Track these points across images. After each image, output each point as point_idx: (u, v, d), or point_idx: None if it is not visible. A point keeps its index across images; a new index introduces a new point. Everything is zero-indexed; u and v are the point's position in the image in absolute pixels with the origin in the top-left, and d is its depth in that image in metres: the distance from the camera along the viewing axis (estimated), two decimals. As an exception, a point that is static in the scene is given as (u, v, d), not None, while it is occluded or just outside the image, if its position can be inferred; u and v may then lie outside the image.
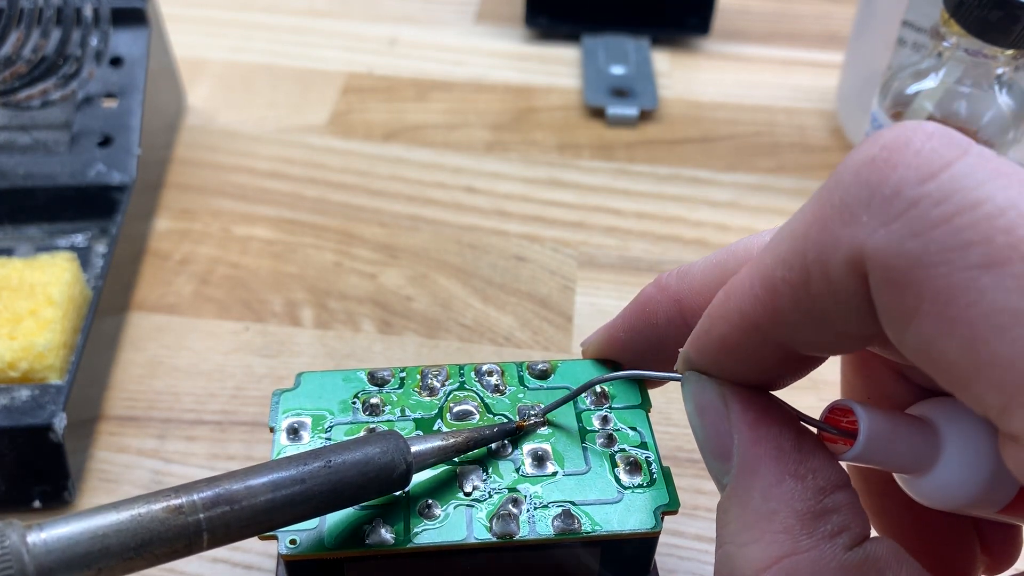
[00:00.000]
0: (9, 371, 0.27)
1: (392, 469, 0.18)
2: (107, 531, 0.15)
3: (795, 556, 0.14)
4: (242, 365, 0.32)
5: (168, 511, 0.16)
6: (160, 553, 0.16)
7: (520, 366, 0.23)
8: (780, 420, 0.16)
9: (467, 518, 0.19)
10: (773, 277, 0.14)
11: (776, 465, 0.15)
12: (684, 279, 0.20)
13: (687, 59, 0.50)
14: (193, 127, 0.44)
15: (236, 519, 0.17)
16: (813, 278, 0.14)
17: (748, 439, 0.16)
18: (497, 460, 0.21)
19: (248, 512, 0.17)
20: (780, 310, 0.14)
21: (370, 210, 0.39)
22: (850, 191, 0.13)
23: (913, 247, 0.12)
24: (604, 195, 0.40)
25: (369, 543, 0.19)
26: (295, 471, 0.17)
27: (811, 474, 0.15)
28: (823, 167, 0.42)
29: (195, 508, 0.16)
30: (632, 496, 0.20)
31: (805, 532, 0.15)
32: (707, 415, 0.17)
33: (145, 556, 0.16)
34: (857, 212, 0.13)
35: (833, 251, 0.13)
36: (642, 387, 0.22)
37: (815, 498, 0.15)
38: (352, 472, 0.18)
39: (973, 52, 0.30)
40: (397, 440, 0.19)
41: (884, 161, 0.13)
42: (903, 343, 0.13)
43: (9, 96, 0.35)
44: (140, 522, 0.16)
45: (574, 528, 0.19)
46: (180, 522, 0.16)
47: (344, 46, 0.50)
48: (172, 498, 0.16)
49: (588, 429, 0.21)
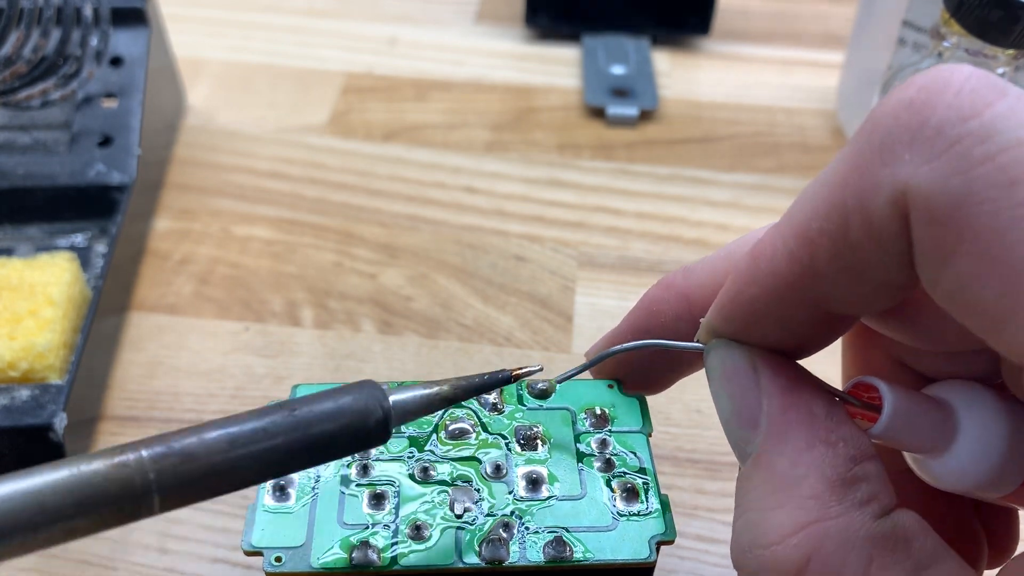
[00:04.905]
0: (9, 371, 0.27)
1: (367, 416, 0.16)
2: (42, 489, 0.14)
3: (823, 523, 0.14)
4: (242, 365, 0.32)
5: (112, 467, 0.14)
6: (105, 514, 0.14)
7: (519, 385, 0.22)
8: (811, 386, 0.16)
9: (456, 541, 0.19)
10: (808, 230, 0.14)
11: (807, 431, 0.15)
12: (690, 275, 0.20)
13: (687, 59, 0.50)
14: (193, 127, 0.44)
15: (189, 475, 0.15)
16: (853, 224, 0.14)
17: (779, 405, 0.16)
18: (491, 482, 0.20)
19: (204, 468, 0.15)
20: (817, 263, 0.14)
21: (370, 210, 0.39)
22: (891, 132, 0.13)
23: (957, 184, 0.12)
24: (604, 195, 0.40)
25: (356, 563, 0.19)
26: (256, 422, 0.16)
27: (842, 441, 0.15)
28: (823, 167, 0.42)
29: (142, 464, 0.14)
30: (627, 524, 0.19)
31: (835, 499, 0.14)
32: (735, 382, 0.16)
33: (89, 517, 0.14)
34: (899, 152, 0.13)
35: (874, 193, 0.13)
36: (643, 409, 0.22)
37: (846, 465, 0.15)
38: (321, 421, 0.16)
39: (973, 52, 0.29)
40: (372, 386, 0.17)
41: (923, 102, 0.13)
42: (937, 286, 0.13)
43: (9, 96, 0.35)
44: (80, 479, 0.14)
45: (565, 556, 0.19)
46: (125, 478, 0.14)
47: (344, 46, 0.50)
48: (117, 454, 0.15)
49: (585, 452, 0.21)
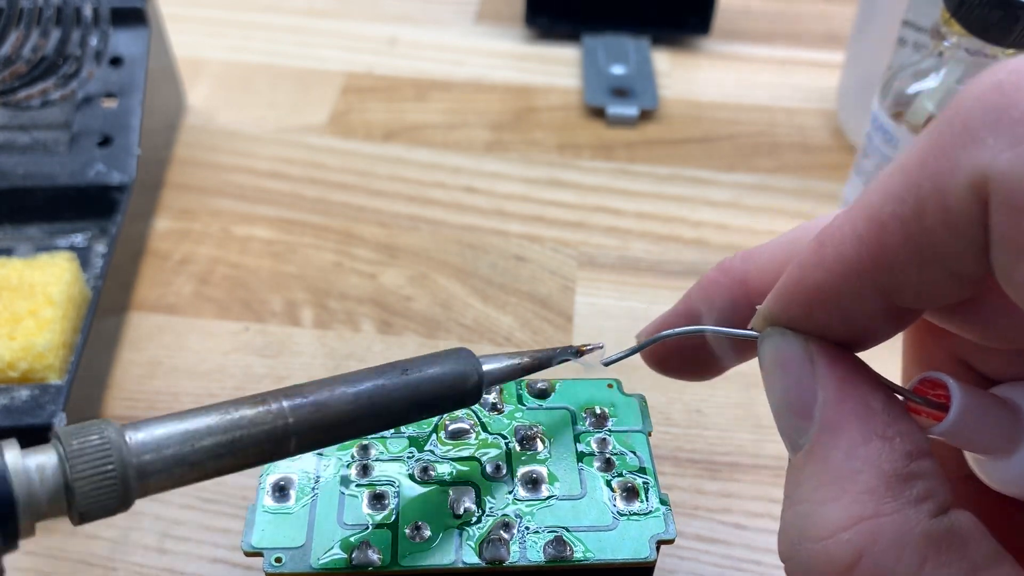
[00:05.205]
0: (9, 371, 0.27)
1: (466, 379, 0.19)
2: (200, 429, 0.16)
3: (878, 519, 0.14)
4: (242, 365, 0.32)
5: (258, 413, 0.16)
6: (250, 453, 0.16)
7: (519, 384, 0.22)
8: (868, 379, 0.16)
9: (456, 541, 0.19)
10: (881, 214, 0.14)
11: (863, 424, 0.15)
12: (749, 260, 0.19)
13: (687, 59, 0.50)
14: (193, 127, 0.44)
15: (321, 423, 0.17)
16: (928, 209, 0.13)
17: (835, 396, 0.15)
18: (491, 482, 0.20)
19: (333, 417, 0.17)
20: (887, 249, 0.14)
21: (370, 210, 0.39)
22: (973, 115, 0.13)
23: None
24: (604, 195, 0.40)
25: (356, 563, 0.19)
26: (375, 380, 0.18)
27: (899, 437, 0.15)
28: (823, 167, 0.42)
29: (283, 412, 0.17)
30: (628, 524, 0.19)
31: (890, 495, 0.14)
32: (790, 370, 0.16)
33: (236, 455, 0.16)
34: (982, 135, 0.12)
35: (952, 177, 0.13)
36: (643, 410, 0.22)
37: (902, 461, 0.14)
38: (428, 382, 0.18)
39: (974, 52, 0.29)
40: (469, 355, 0.19)
41: (1012, 85, 0.12)
42: (1012, 278, 0.13)
43: (9, 96, 0.35)
44: (232, 421, 0.16)
45: (566, 555, 0.19)
46: (270, 422, 0.16)
47: (344, 46, 0.50)
48: (260, 402, 0.17)
49: (585, 452, 0.21)
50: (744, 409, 0.31)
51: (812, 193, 0.41)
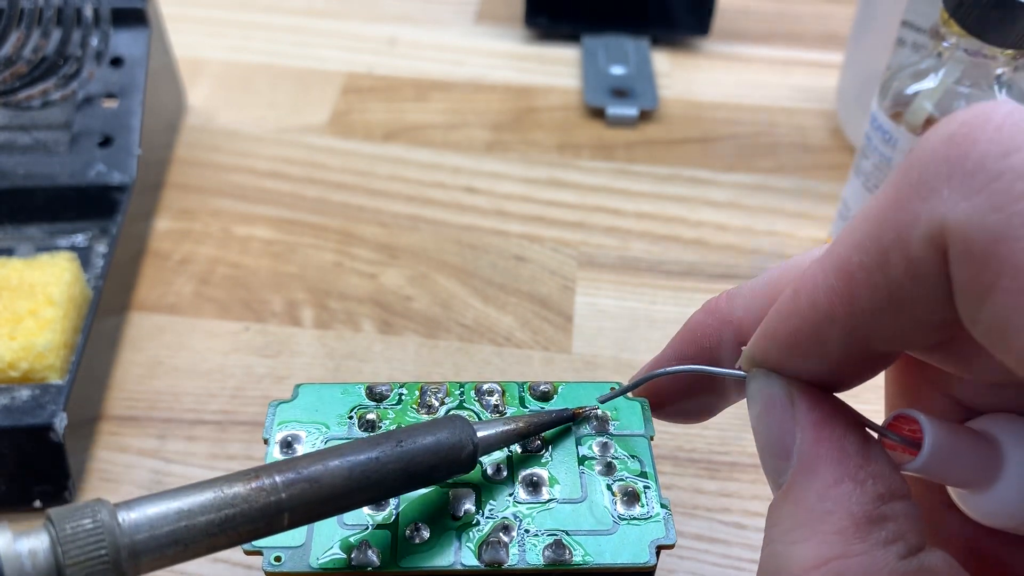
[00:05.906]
0: (9, 371, 0.27)
1: (460, 449, 0.19)
2: (193, 509, 0.16)
3: (846, 559, 0.14)
4: (242, 365, 0.32)
5: (251, 490, 0.16)
6: (243, 531, 0.16)
7: (521, 386, 0.22)
8: (846, 422, 0.16)
9: (455, 543, 0.19)
10: (849, 263, 0.14)
11: (836, 466, 0.15)
12: (734, 299, 0.20)
13: (687, 59, 0.50)
14: (193, 127, 0.44)
15: (315, 498, 0.17)
16: (892, 259, 0.13)
17: (811, 437, 0.16)
18: (491, 485, 0.20)
19: (327, 491, 0.17)
20: (856, 298, 0.14)
21: (370, 210, 0.39)
22: (929, 167, 0.13)
23: (995, 220, 0.12)
24: (604, 195, 0.40)
25: (355, 563, 0.19)
26: (370, 452, 0.18)
27: (871, 479, 0.15)
28: (823, 167, 0.42)
29: (276, 487, 0.17)
30: (628, 528, 0.19)
31: (858, 536, 0.14)
32: (772, 412, 0.16)
33: (228, 534, 0.16)
34: (937, 187, 0.13)
35: (912, 228, 0.13)
36: (645, 414, 0.22)
37: (872, 503, 0.15)
38: (422, 453, 0.18)
39: (973, 52, 0.30)
40: (464, 423, 0.19)
41: (964, 136, 0.13)
42: (976, 322, 0.13)
43: (9, 96, 0.35)
44: (225, 500, 0.16)
45: (565, 559, 0.19)
46: (263, 500, 0.16)
47: (344, 46, 0.50)
48: (253, 478, 0.17)
49: (587, 456, 0.21)
50: (743, 409, 0.31)
51: (811, 193, 0.41)
